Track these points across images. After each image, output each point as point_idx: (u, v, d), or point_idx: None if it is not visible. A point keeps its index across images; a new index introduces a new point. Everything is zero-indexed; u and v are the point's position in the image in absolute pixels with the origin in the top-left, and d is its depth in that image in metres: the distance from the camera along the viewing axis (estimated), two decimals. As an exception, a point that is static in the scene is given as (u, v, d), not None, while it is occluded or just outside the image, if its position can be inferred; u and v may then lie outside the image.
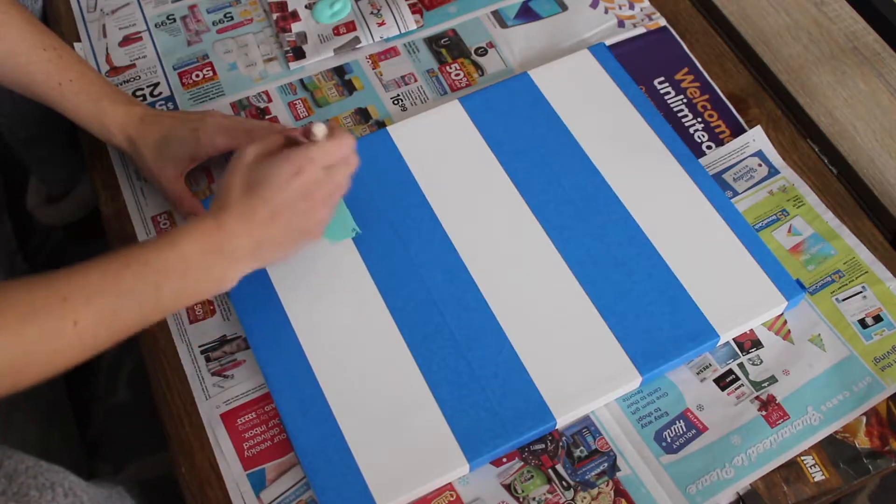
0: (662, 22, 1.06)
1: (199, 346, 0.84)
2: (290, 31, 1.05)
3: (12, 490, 0.69)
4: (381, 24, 1.05)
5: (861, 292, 0.86)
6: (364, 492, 0.75)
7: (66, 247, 1.48)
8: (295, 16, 1.06)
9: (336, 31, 1.05)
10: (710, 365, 0.82)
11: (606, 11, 1.07)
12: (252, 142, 0.85)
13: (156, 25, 1.07)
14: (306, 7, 1.06)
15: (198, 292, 0.73)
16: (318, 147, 0.75)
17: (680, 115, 0.98)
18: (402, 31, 1.05)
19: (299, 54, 1.03)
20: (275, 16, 1.06)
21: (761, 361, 0.82)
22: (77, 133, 0.96)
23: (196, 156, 0.88)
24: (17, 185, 1.47)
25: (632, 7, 1.07)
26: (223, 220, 0.72)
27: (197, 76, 1.02)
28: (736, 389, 0.81)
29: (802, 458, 0.78)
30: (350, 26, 1.05)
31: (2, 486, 0.69)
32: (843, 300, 0.85)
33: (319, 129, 0.77)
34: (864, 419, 0.80)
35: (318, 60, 1.03)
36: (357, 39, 1.04)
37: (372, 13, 1.06)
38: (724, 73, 1.02)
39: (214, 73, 1.03)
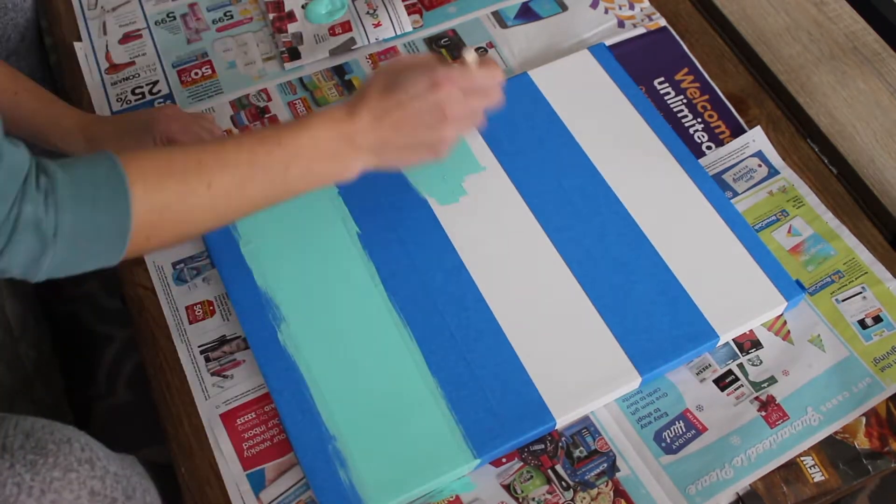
0: (662, 22, 1.05)
1: (199, 346, 0.84)
2: (286, 31, 1.04)
3: (30, 444, 0.69)
4: (377, 26, 1.04)
5: (861, 293, 0.85)
6: (364, 492, 0.74)
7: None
8: (291, 16, 1.05)
9: (332, 31, 1.04)
10: (709, 365, 0.82)
11: (606, 12, 1.06)
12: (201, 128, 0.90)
13: (156, 23, 1.07)
14: (303, 7, 1.06)
15: (322, 176, 0.76)
16: (461, 69, 0.77)
17: (680, 115, 0.98)
18: (398, 32, 1.04)
19: (294, 55, 1.03)
20: (271, 16, 1.06)
21: (761, 362, 0.82)
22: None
23: (154, 139, 0.89)
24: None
25: (632, 7, 1.07)
26: (356, 113, 0.74)
27: (196, 74, 1.02)
28: (735, 390, 0.81)
29: (802, 458, 0.78)
30: (346, 27, 1.04)
31: (20, 440, 0.69)
32: (843, 301, 0.85)
33: (470, 55, 0.78)
34: (864, 420, 0.80)
35: (314, 61, 1.03)
36: (353, 41, 1.03)
37: (368, 13, 1.05)
38: (724, 73, 1.01)
39: (213, 71, 1.02)
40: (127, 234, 0.64)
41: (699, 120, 0.98)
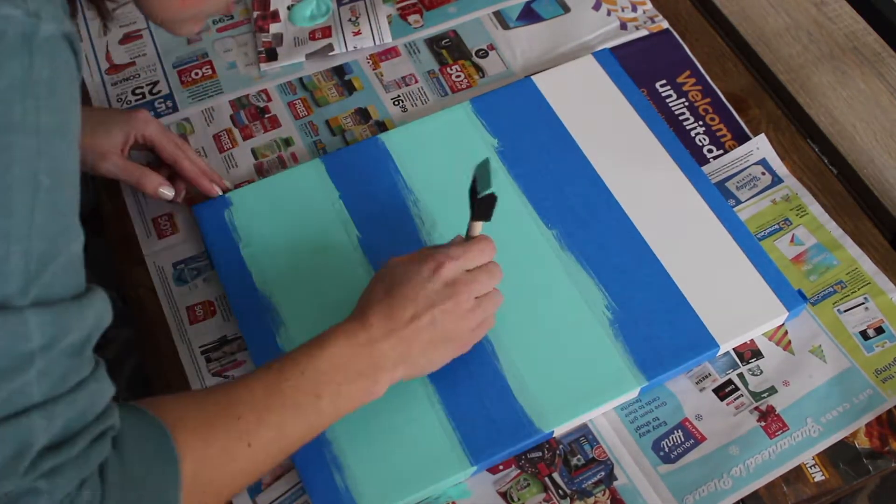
0: (665, 24, 1.02)
1: (200, 347, 0.82)
2: (268, 31, 1.01)
3: None
4: (356, 34, 1.00)
5: (863, 303, 0.82)
6: (359, 497, 0.72)
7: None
8: (275, 16, 1.02)
9: (312, 35, 1.01)
10: (709, 374, 0.79)
11: (609, 14, 1.03)
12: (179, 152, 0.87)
13: None
14: (288, 9, 1.03)
15: (352, 398, 0.69)
16: (456, 245, 0.72)
17: (681, 118, 0.95)
18: (377, 43, 1.00)
19: (272, 56, 0.99)
20: (255, 14, 1.02)
21: (761, 372, 0.79)
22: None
23: (128, 135, 0.86)
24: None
25: (634, 9, 1.03)
26: (366, 319, 0.69)
27: (196, 74, 0.99)
28: (735, 400, 0.78)
29: (802, 458, 0.76)
30: (326, 32, 1.01)
31: None
32: (845, 311, 0.82)
33: (476, 230, 0.73)
34: (864, 419, 0.78)
35: (289, 65, 0.99)
36: (330, 47, 1.00)
37: (350, 20, 1.01)
38: (724, 74, 0.99)
39: (214, 71, 1.00)
40: None
41: (701, 123, 0.94)
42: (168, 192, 0.86)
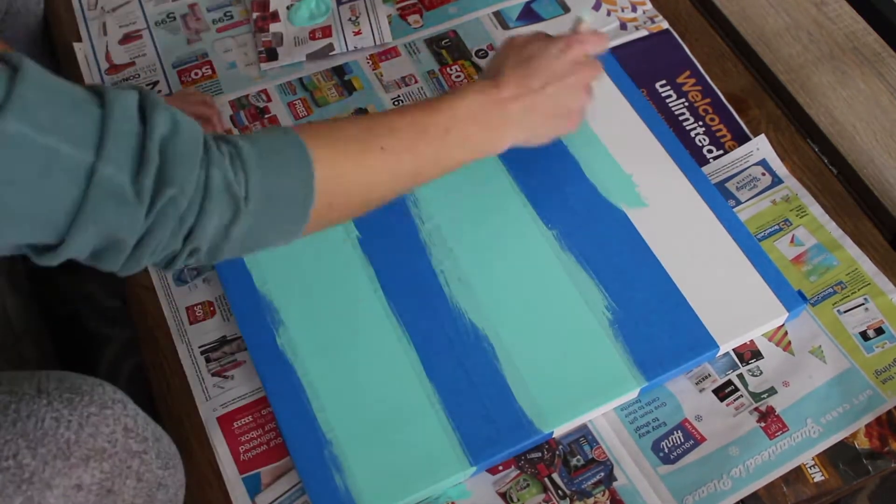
0: (665, 24, 1.02)
1: (200, 347, 0.81)
2: (268, 31, 1.01)
3: (65, 386, 0.67)
4: (356, 34, 1.00)
5: (863, 304, 0.82)
6: (359, 498, 0.72)
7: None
8: (275, 16, 1.02)
9: (312, 35, 1.00)
10: (709, 375, 0.79)
11: (609, 14, 1.02)
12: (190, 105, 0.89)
13: (156, 24, 1.04)
14: (287, 9, 1.02)
15: (477, 145, 0.75)
16: (583, 32, 0.79)
17: (681, 118, 0.94)
18: (378, 42, 0.99)
19: (272, 56, 0.99)
20: (255, 14, 1.02)
21: (761, 372, 0.78)
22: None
23: None
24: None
25: (634, 10, 1.03)
26: (500, 83, 0.75)
27: (196, 74, 0.99)
28: (735, 400, 0.77)
29: (801, 458, 0.75)
30: (326, 31, 1.00)
31: (55, 383, 0.67)
32: (845, 312, 0.81)
33: (588, 16, 0.81)
34: (864, 420, 0.77)
35: (289, 64, 0.99)
36: (331, 46, 0.99)
37: (350, 20, 1.01)
38: (724, 74, 0.98)
39: (214, 71, 0.99)
40: (312, 198, 0.63)
41: (700, 123, 0.94)
42: None
